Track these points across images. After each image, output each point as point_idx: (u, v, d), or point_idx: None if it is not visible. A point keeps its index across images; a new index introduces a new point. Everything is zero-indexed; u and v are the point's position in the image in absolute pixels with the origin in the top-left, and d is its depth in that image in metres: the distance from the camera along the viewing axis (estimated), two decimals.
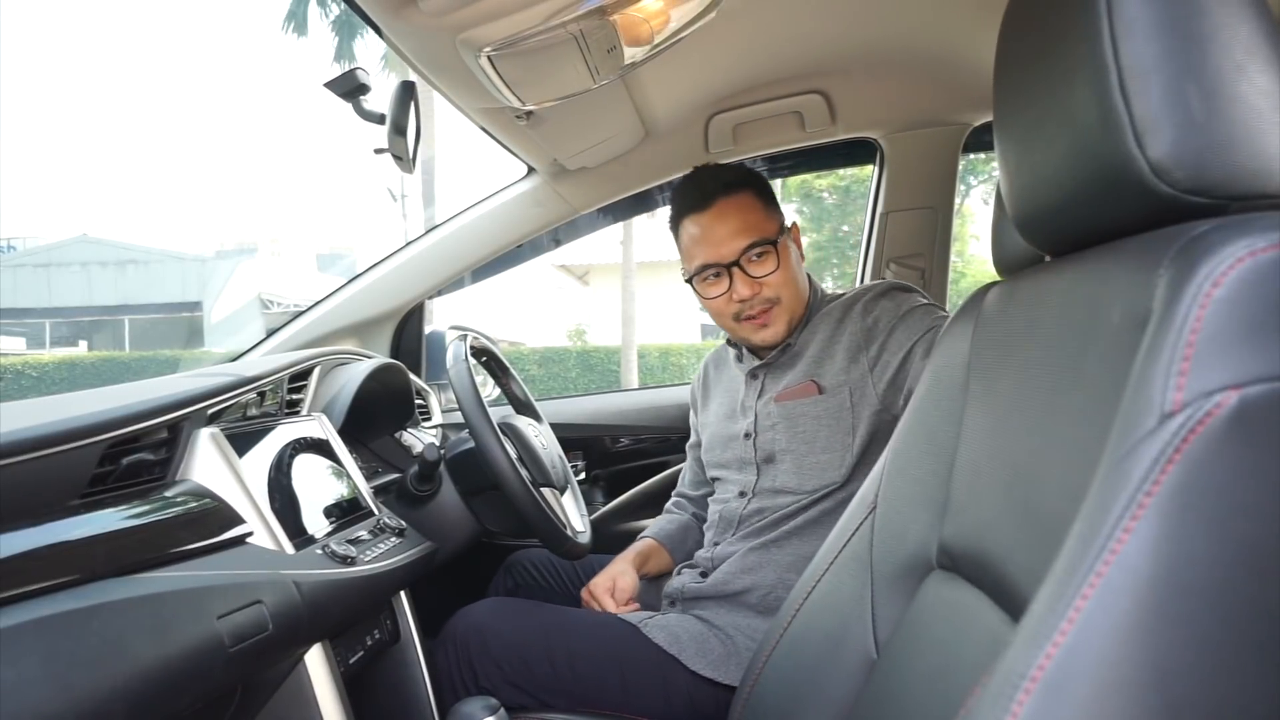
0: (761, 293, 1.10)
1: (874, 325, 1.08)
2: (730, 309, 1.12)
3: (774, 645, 0.78)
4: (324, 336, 1.57)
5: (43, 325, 15.23)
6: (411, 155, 1.14)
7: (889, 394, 1.05)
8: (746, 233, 1.09)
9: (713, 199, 1.11)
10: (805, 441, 1.09)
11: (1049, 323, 0.53)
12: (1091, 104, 0.45)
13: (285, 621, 0.72)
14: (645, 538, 1.30)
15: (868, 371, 1.06)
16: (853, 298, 1.13)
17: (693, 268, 1.13)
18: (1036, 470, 0.49)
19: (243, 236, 21.58)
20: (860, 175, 9.47)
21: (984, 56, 1.38)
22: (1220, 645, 0.33)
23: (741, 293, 1.10)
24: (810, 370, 1.11)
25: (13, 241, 18.00)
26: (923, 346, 1.01)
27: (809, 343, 1.13)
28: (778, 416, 1.12)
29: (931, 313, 1.06)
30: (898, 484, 0.70)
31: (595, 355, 12.02)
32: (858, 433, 1.06)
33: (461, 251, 1.62)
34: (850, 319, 1.10)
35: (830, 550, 0.76)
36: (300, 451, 0.96)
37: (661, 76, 1.27)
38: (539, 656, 1.03)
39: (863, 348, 1.07)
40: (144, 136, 35.92)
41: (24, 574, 0.55)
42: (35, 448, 0.61)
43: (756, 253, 1.10)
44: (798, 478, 1.09)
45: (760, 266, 1.10)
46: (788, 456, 1.10)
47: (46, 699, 0.51)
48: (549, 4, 0.84)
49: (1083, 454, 0.41)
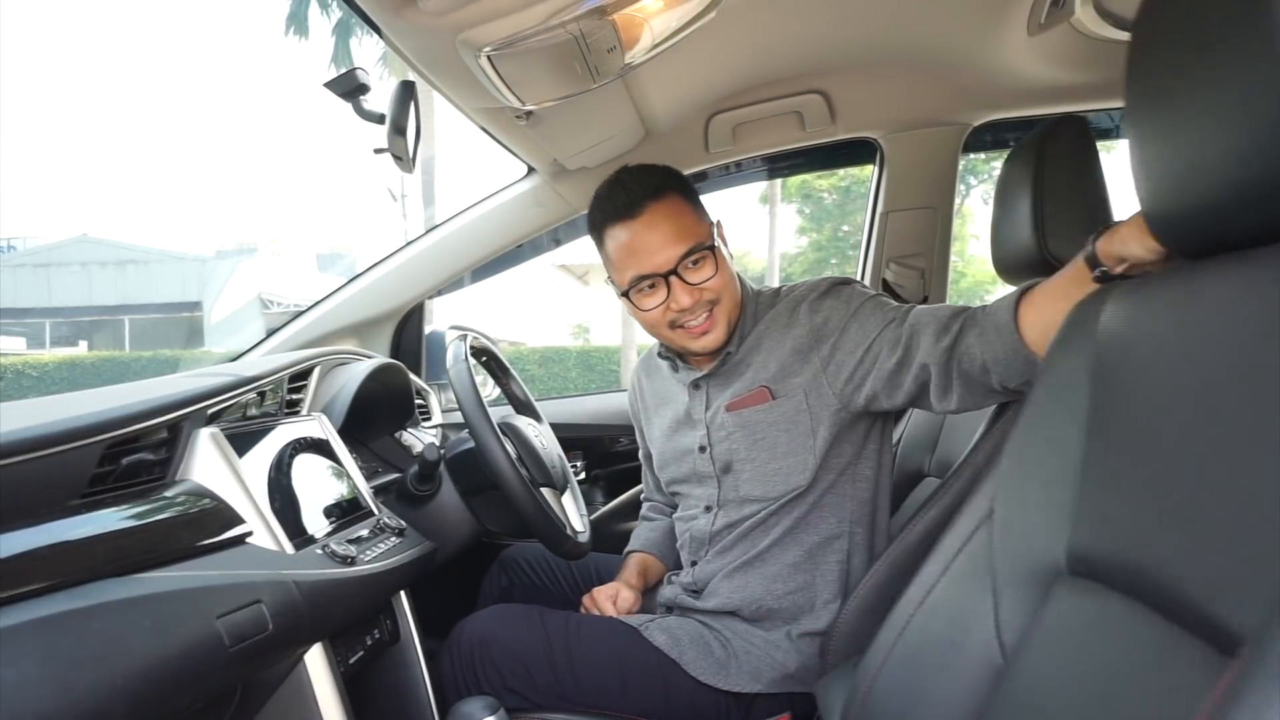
0: (702, 298, 1.04)
1: (823, 325, 1.04)
2: (667, 319, 1.06)
3: (889, 650, 0.77)
4: (324, 336, 1.57)
5: (43, 325, 15.23)
6: (411, 155, 1.14)
7: (847, 391, 1.02)
8: (681, 239, 1.03)
9: (641, 205, 1.03)
10: (766, 449, 1.06)
11: (1206, 326, 0.52)
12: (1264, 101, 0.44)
13: (285, 621, 0.72)
14: (633, 551, 1.29)
15: (820, 371, 1.03)
16: (796, 299, 1.09)
17: (625, 280, 1.06)
18: (1207, 478, 0.48)
19: (243, 236, 21.59)
20: (860, 175, 9.48)
21: (984, 56, 1.40)
22: None
23: (682, 301, 1.04)
24: (758, 376, 1.07)
25: (13, 241, 18.01)
26: (887, 341, 0.98)
27: (754, 349, 1.09)
28: (733, 426, 1.08)
29: (882, 307, 1.02)
30: (1017, 489, 0.68)
31: (595, 355, 12.03)
32: (818, 434, 1.04)
33: (461, 251, 1.62)
34: (796, 321, 1.06)
35: (944, 556, 0.74)
36: (300, 451, 0.96)
37: (661, 76, 1.27)
38: (540, 662, 1.02)
39: (813, 348, 1.04)
40: (144, 136, 35.92)
41: (24, 574, 0.55)
42: (35, 448, 0.61)
43: (693, 259, 1.03)
44: (762, 485, 1.07)
45: (698, 273, 1.04)
46: (748, 465, 1.07)
47: (46, 699, 0.51)
48: (549, 4, 0.84)
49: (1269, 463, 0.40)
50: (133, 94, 39.03)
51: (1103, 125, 1.66)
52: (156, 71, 42.30)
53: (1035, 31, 1.23)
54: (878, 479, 1.10)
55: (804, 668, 1.03)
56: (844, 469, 1.07)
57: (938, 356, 0.92)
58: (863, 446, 1.08)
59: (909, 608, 0.77)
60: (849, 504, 1.07)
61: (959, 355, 0.91)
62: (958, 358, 0.91)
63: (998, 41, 1.30)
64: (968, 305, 0.96)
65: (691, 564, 1.15)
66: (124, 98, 39.46)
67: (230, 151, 32.58)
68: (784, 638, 1.05)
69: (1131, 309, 0.62)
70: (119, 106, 37.63)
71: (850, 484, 1.07)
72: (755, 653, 1.04)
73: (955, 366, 0.92)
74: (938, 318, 0.95)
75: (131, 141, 35.33)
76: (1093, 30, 1.20)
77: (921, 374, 0.95)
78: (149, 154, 35.48)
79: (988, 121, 1.61)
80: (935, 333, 0.94)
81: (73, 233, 18.37)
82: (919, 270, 1.68)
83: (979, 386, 0.91)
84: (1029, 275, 1.07)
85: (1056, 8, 1.16)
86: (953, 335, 0.92)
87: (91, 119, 37.92)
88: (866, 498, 1.08)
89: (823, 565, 1.06)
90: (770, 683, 1.02)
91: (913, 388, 0.97)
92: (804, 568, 1.06)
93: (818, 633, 1.04)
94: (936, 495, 1.01)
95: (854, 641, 1.01)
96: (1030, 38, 1.25)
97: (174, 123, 35.42)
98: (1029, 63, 1.35)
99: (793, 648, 1.04)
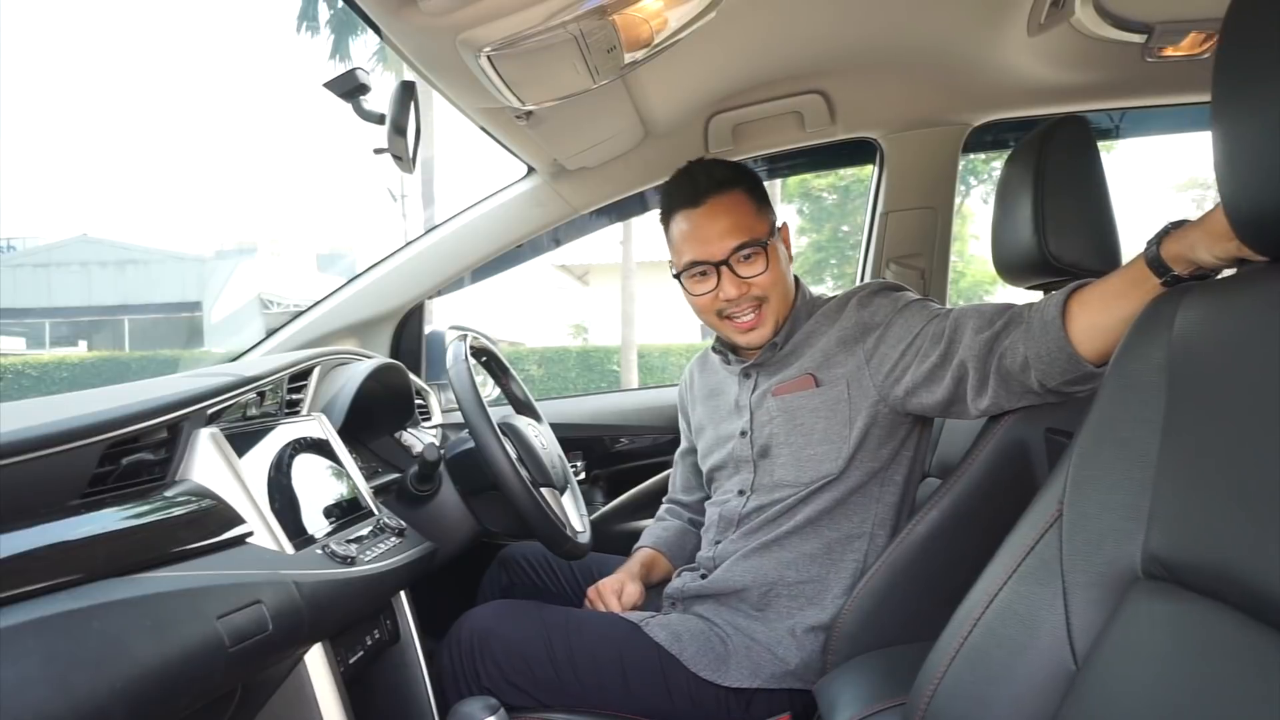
0: (749, 292, 1.10)
1: (870, 319, 1.07)
2: (715, 306, 1.13)
3: (954, 654, 0.76)
4: (324, 336, 1.57)
5: (43, 325, 15.22)
6: (411, 155, 1.14)
7: (887, 384, 1.04)
8: (736, 232, 1.09)
9: (705, 196, 1.10)
10: (803, 434, 1.09)
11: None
12: None
13: (285, 621, 0.72)
14: (642, 546, 1.30)
15: (864, 363, 1.06)
16: (846, 295, 1.13)
17: (681, 263, 1.13)
18: None
19: (243, 236, 21.53)
20: (860, 175, 9.47)
21: (984, 56, 1.40)
22: None
23: (728, 292, 1.10)
24: (806, 365, 1.11)
25: (13, 241, 18.00)
26: (929, 336, 1.01)
27: (803, 340, 1.13)
28: (775, 411, 1.12)
29: (927, 306, 1.06)
30: (1087, 490, 0.67)
31: (595, 355, 12.02)
32: (855, 424, 1.06)
33: (461, 251, 1.62)
34: (846, 314, 1.10)
35: (1011, 558, 0.73)
36: (300, 451, 0.96)
37: (661, 76, 1.27)
38: (540, 657, 1.03)
39: (859, 340, 1.07)
40: (144, 136, 35.90)
41: (24, 574, 0.55)
42: (35, 448, 0.61)
43: (745, 253, 1.09)
44: (795, 470, 1.09)
45: (749, 267, 1.10)
46: (784, 449, 1.10)
47: (46, 699, 0.51)
48: (549, 4, 0.84)
49: None
50: (133, 93, 39.00)
51: (1103, 125, 1.66)
52: (157, 71, 42.29)
53: (1035, 31, 1.23)
54: (906, 486, 1.11)
55: (804, 664, 1.03)
56: (878, 471, 1.08)
57: (977, 349, 0.94)
58: (899, 452, 1.09)
59: (975, 609, 0.75)
60: (876, 506, 1.09)
61: (1000, 351, 0.92)
62: (999, 353, 0.92)
63: (998, 41, 1.30)
64: (1013, 303, 0.97)
65: (715, 543, 1.16)
66: (124, 97, 39.44)
67: (230, 151, 32.58)
68: (786, 634, 1.05)
69: (1209, 310, 0.62)
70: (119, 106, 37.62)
71: (880, 487, 1.09)
72: (755, 649, 1.04)
73: (995, 362, 0.93)
74: (982, 313, 0.97)
75: (131, 141, 35.30)
76: (1093, 30, 1.20)
77: (959, 370, 0.96)
78: (149, 154, 35.47)
79: (988, 121, 1.61)
80: (977, 326, 0.95)
81: (73, 233, 18.35)
82: (919, 270, 1.68)
83: (1016, 384, 0.92)
84: (1030, 275, 1.08)
85: (1056, 8, 1.16)
86: (995, 330, 0.93)
87: (91, 119, 37.91)
88: (893, 502, 1.10)
89: (839, 562, 1.07)
90: (769, 678, 1.03)
91: (950, 384, 0.98)
92: (820, 560, 1.07)
93: (821, 626, 1.05)
94: (937, 495, 1.01)
95: (854, 641, 1.01)
96: (1030, 38, 1.25)
97: (174, 122, 35.40)
98: (1029, 63, 1.35)
99: (794, 644, 1.04)
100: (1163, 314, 0.66)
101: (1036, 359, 0.88)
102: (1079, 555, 0.66)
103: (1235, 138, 0.56)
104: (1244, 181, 0.56)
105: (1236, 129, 0.56)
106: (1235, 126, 0.56)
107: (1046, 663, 0.66)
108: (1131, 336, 0.68)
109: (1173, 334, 0.64)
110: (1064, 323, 0.86)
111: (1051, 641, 0.66)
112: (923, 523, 1.00)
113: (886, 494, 1.09)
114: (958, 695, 0.74)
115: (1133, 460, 0.63)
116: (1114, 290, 0.83)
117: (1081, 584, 0.65)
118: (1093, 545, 0.65)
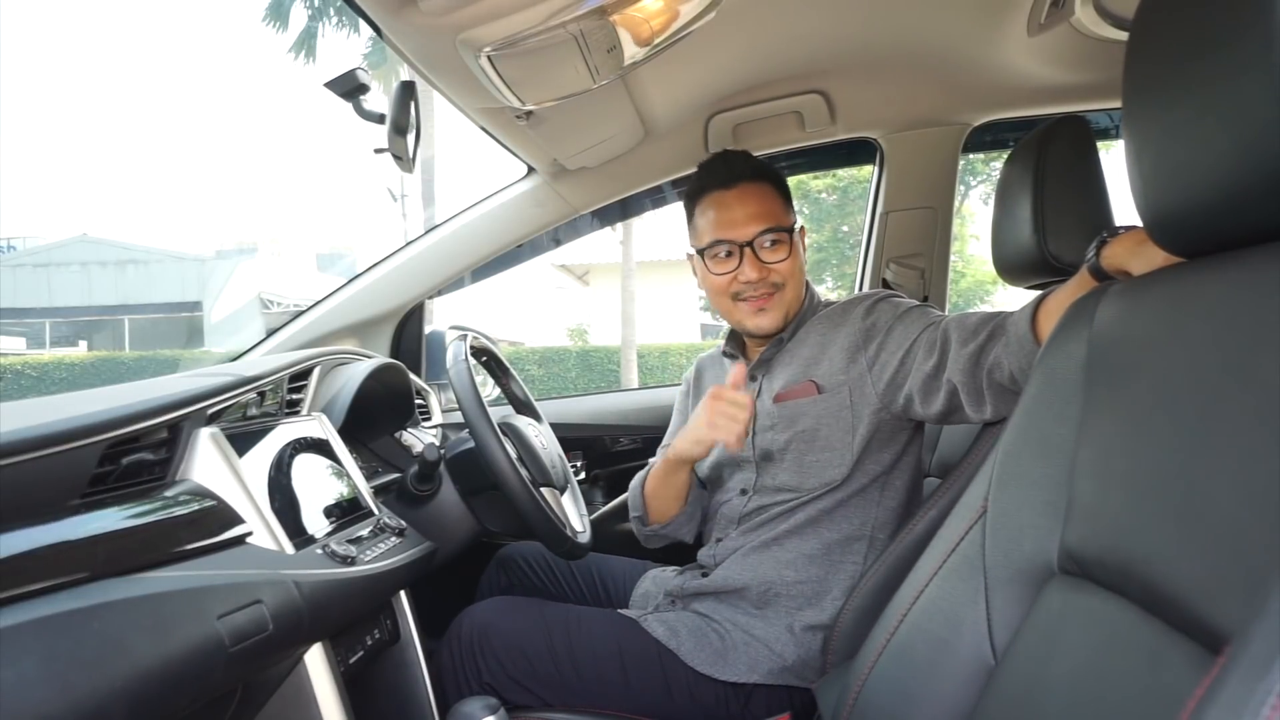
0: (768, 278, 1.12)
1: (873, 326, 1.08)
2: (732, 288, 1.14)
3: (881, 648, 0.77)
4: (324, 336, 1.57)
5: (43, 325, 15.23)
6: (411, 155, 1.14)
7: (888, 393, 1.05)
8: (764, 217, 1.12)
9: (739, 179, 1.13)
10: (805, 440, 1.09)
11: (1200, 325, 0.52)
12: (1260, 103, 0.44)
13: (285, 621, 0.72)
14: None
15: (866, 370, 1.07)
16: (850, 301, 1.14)
17: (705, 242, 1.14)
18: (1198, 476, 0.48)
19: (243, 236, 21.59)
20: (860, 175, 9.48)
21: (984, 56, 1.40)
22: None
23: (748, 274, 1.11)
24: (808, 370, 1.11)
25: (13, 241, 18.01)
26: (924, 344, 1.01)
27: (805, 342, 1.14)
28: (777, 416, 1.12)
29: (927, 312, 1.06)
30: (1010, 487, 0.68)
31: (595, 355, 12.02)
32: (858, 431, 1.07)
33: (461, 251, 1.62)
34: (849, 320, 1.11)
35: (937, 554, 0.75)
36: (300, 451, 0.96)
37: (661, 76, 1.27)
38: (541, 653, 1.03)
39: (861, 347, 1.08)
40: (144, 136, 35.88)
41: (24, 574, 0.55)
42: (35, 448, 0.61)
43: (771, 239, 1.11)
44: (798, 476, 1.09)
45: (772, 253, 1.12)
46: (787, 455, 1.10)
47: (46, 699, 0.51)
48: (549, 4, 0.84)
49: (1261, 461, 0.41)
50: (132, 93, 39.00)
51: (1102, 125, 1.66)
52: (156, 71, 42.28)
53: (1035, 32, 1.23)
54: (907, 489, 1.12)
55: (802, 662, 1.04)
56: (879, 475, 1.09)
57: (963, 364, 0.94)
58: (901, 457, 1.10)
59: (901, 606, 0.77)
60: (876, 510, 1.09)
61: (988, 366, 0.92)
62: (986, 368, 0.92)
63: (998, 41, 1.30)
64: (997, 313, 0.96)
65: (717, 540, 1.17)
66: (124, 97, 39.43)
67: (230, 151, 32.55)
68: (784, 630, 1.05)
69: (1125, 308, 0.62)
70: (119, 106, 37.61)
71: (880, 491, 1.09)
72: (753, 644, 1.05)
73: (985, 377, 0.93)
74: (965, 325, 0.97)
75: (131, 141, 35.30)
76: (1093, 30, 1.20)
77: (949, 386, 0.97)
78: (149, 154, 35.45)
79: (988, 121, 1.61)
80: (961, 339, 0.96)
81: (73, 233, 18.37)
82: (919, 270, 1.68)
83: (1011, 396, 0.92)
84: (1030, 275, 1.08)
85: (1056, 8, 1.16)
86: (979, 342, 0.93)
87: (91, 118, 37.90)
88: (895, 505, 1.10)
89: (839, 563, 1.08)
90: (767, 674, 1.03)
91: (945, 398, 0.98)
92: (819, 561, 1.08)
93: (821, 625, 1.05)
94: (936, 495, 1.01)
95: (853, 642, 1.01)
96: (1030, 38, 1.25)
97: (174, 122, 35.38)
98: (1029, 63, 1.35)
99: (792, 640, 1.05)
100: (1083, 313, 0.66)
101: (1020, 372, 0.89)
102: (1000, 552, 0.67)
103: (1143, 138, 0.56)
104: (1152, 182, 0.56)
105: (1144, 130, 0.56)
106: (1143, 127, 0.56)
107: (968, 658, 0.67)
108: (1056, 333, 0.69)
109: (1092, 330, 0.64)
110: (1035, 335, 0.87)
111: (973, 637, 0.67)
112: (923, 522, 1.00)
113: (887, 498, 1.09)
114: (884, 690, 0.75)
115: (1052, 457, 0.64)
116: (1068, 298, 0.82)
117: (1002, 580, 0.66)
118: (1014, 542, 0.66)
